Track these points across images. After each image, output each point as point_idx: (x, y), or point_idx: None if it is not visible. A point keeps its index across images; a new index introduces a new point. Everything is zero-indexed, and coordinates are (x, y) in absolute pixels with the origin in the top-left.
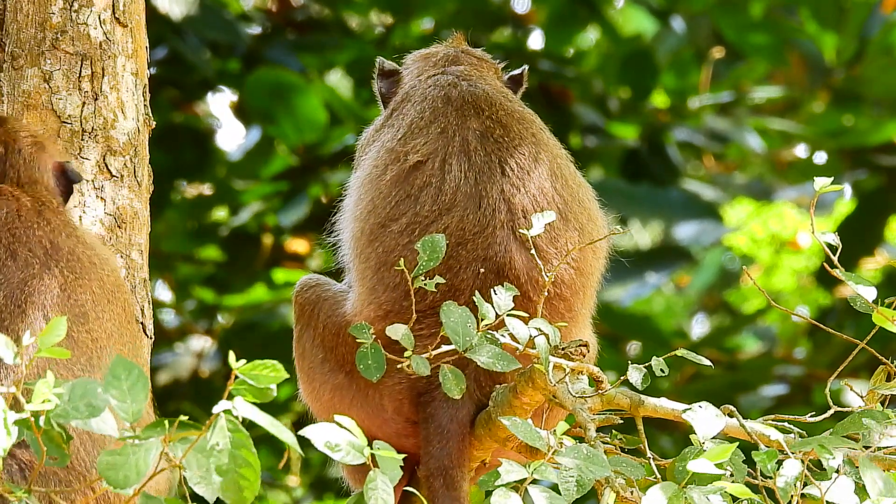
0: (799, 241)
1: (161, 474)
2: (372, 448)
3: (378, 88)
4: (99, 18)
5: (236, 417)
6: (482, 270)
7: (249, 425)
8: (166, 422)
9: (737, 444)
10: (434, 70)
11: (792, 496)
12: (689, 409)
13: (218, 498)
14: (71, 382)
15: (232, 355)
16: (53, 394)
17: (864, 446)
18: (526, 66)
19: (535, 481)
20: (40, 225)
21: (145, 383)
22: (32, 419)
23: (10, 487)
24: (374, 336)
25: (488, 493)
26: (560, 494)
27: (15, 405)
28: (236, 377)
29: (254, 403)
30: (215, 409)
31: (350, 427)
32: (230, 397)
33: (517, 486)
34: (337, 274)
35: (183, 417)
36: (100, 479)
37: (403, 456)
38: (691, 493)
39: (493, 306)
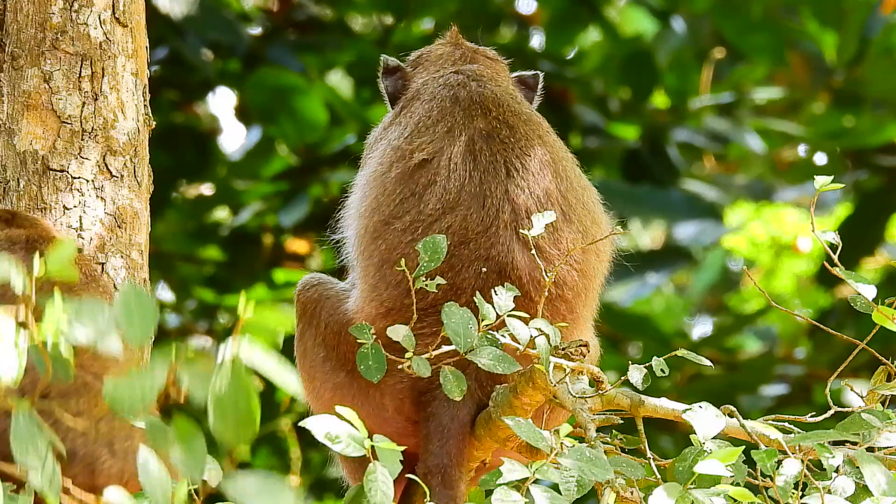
0: (799, 246)
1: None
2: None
3: (384, 87)
4: (99, 18)
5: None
6: (484, 270)
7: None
8: (174, 345)
9: (742, 448)
10: (446, 69)
11: (791, 495)
12: (690, 409)
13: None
14: (79, 302)
15: (242, 297)
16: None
17: (866, 449)
18: (541, 73)
19: (535, 481)
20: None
21: (154, 310)
22: (40, 341)
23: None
24: (374, 336)
25: (489, 492)
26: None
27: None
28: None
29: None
30: (222, 351)
31: (350, 419)
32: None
33: (518, 485)
34: (339, 273)
35: (190, 347)
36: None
37: (403, 448)
38: (695, 494)
39: (494, 306)
